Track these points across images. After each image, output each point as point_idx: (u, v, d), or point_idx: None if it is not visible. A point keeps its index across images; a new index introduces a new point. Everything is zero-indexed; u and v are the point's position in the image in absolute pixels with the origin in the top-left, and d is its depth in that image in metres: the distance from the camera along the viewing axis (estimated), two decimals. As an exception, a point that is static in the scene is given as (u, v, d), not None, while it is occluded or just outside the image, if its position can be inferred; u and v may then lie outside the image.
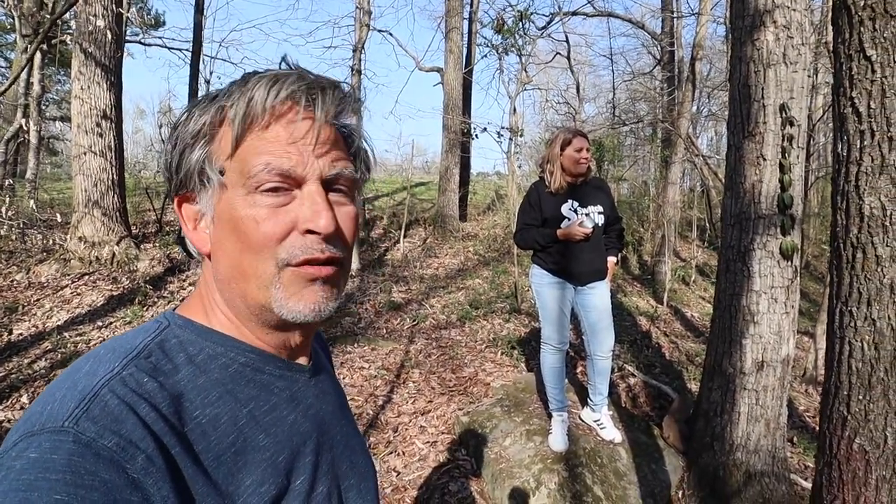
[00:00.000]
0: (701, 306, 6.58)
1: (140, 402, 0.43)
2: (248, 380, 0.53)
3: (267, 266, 0.50)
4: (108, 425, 0.41)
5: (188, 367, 0.50)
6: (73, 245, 5.93)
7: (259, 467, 0.50)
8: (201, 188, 0.52)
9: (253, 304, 0.52)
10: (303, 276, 0.50)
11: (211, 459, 0.46)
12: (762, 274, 2.49)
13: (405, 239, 8.36)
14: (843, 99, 1.18)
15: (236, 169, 0.50)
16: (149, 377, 0.46)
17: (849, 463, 1.12)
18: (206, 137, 0.51)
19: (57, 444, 0.38)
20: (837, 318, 1.17)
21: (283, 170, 0.49)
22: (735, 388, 2.54)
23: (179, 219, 0.54)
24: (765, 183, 2.49)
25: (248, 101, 0.49)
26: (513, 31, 6.65)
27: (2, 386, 3.57)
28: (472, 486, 2.69)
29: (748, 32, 2.54)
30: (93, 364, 0.46)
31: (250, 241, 0.49)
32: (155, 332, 0.51)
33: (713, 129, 17.54)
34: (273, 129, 0.49)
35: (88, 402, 0.41)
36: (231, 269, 0.51)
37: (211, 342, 0.52)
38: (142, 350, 0.48)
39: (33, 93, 9.22)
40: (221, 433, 0.48)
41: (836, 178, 1.19)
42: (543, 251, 2.82)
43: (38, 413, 0.42)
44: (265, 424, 0.52)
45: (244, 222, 0.49)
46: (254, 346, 0.54)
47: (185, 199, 0.54)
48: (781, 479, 2.50)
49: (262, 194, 0.49)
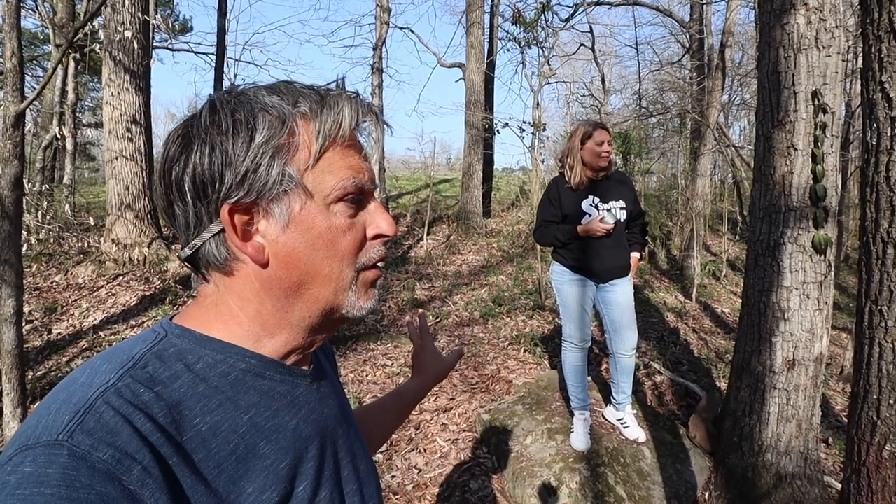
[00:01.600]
0: (731, 302, 6.40)
1: (136, 412, 0.43)
2: (248, 386, 0.52)
3: (349, 272, 0.55)
4: (103, 437, 0.40)
5: (187, 375, 0.49)
6: (107, 247, 6.12)
7: (261, 474, 0.50)
8: (278, 196, 0.51)
9: (323, 307, 0.55)
10: (371, 279, 0.57)
11: (212, 468, 0.46)
12: (793, 269, 2.39)
13: (429, 236, 8.36)
14: (872, 83, 1.11)
15: (316, 179, 0.52)
16: (145, 387, 0.46)
17: (878, 471, 1.05)
18: (285, 146, 0.51)
19: (52, 458, 0.38)
20: (866, 318, 1.10)
21: (363, 185, 0.55)
22: (765, 387, 2.45)
23: (228, 228, 0.51)
24: (796, 174, 2.38)
25: (338, 118, 0.53)
26: (534, 23, 6.56)
27: (43, 383, 3.70)
28: (493, 485, 2.67)
29: (777, 16, 2.43)
30: (89, 375, 0.46)
31: (336, 249, 0.53)
32: (152, 341, 0.51)
33: (745, 119, 17.00)
34: (352, 148, 0.55)
35: (83, 415, 0.41)
36: (306, 276, 0.53)
37: (210, 350, 0.52)
38: (138, 360, 0.48)
39: (68, 100, 9.55)
40: (222, 441, 0.48)
41: (864, 168, 1.12)
42: (564, 248, 2.77)
43: (34, 426, 0.42)
44: (266, 431, 0.52)
45: (330, 231, 0.53)
46: (255, 352, 0.54)
47: (239, 207, 0.51)
48: (814, 481, 2.40)
49: (343, 204, 0.53)
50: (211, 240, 0.52)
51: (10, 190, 2.64)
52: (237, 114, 0.51)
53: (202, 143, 0.50)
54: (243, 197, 0.50)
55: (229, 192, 0.50)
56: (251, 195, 0.50)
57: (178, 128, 0.53)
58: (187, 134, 0.51)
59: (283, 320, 0.54)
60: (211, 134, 0.50)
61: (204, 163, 0.50)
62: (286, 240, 0.52)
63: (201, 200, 0.51)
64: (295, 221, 0.52)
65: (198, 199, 0.51)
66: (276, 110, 0.51)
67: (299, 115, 0.52)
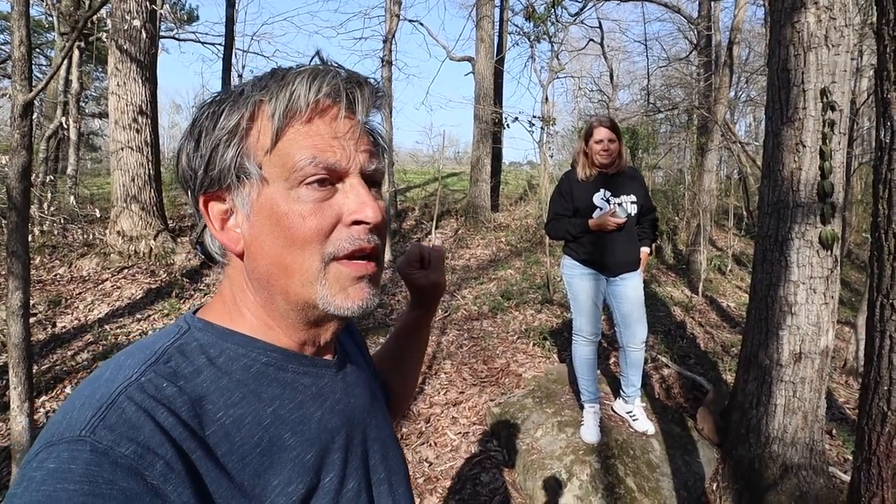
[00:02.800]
0: (737, 296, 6.42)
1: (158, 407, 0.43)
2: (271, 379, 0.52)
3: (313, 261, 0.50)
4: (126, 433, 0.41)
5: (209, 369, 0.49)
6: (112, 239, 6.11)
7: (286, 467, 0.49)
8: (237, 185, 0.51)
9: (296, 300, 0.52)
10: (348, 273, 0.51)
11: (235, 461, 0.46)
12: (800, 264, 2.42)
13: (437, 230, 8.39)
14: (886, 83, 1.14)
15: (276, 163, 0.49)
16: (168, 382, 0.46)
17: (889, 460, 1.09)
18: (242, 132, 0.50)
19: (74, 454, 0.39)
20: (878, 311, 1.13)
21: (329, 164, 0.49)
22: (772, 379, 2.49)
23: (206, 219, 0.52)
24: (804, 170, 2.41)
25: (290, 96, 0.49)
26: (544, 18, 6.56)
27: (47, 377, 3.71)
28: (504, 477, 2.71)
29: (788, 14, 2.45)
30: (112, 371, 0.46)
31: (295, 237, 0.49)
32: (175, 336, 0.51)
33: (752, 115, 16.95)
34: (316, 122, 0.50)
35: (105, 410, 0.42)
36: (272, 266, 0.51)
37: (232, 343, 0.52)
38: (161, 355, 0.48)
39: (72, 90, 9.54)
40: (246, 434, 0.48)
41: (878, 165, 1.15)
42: (575, 242, 2.81)
43: (59, 423, 0.42)
44: (291, 423, 0.52)
45: (289, 217, 0.49)
46: (277, 345, 0.54)
47: (213, 197, 0.52)
48: (819, 472, 2.44)
49: (307, 188, 0.49)
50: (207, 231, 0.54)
51: (18, 181, 2.56)
52: (213, 106, 0.52)
53: (187, 136, 0.52)
54: (210, 186, 0.51)
55: (203, 181, 0.51)
56: (216, 184, 0.51)
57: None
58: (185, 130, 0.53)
59: (273, 312, 0.54)
60: (194, 127, 0.52)
61: (184, 156, 0.52)
62: (250, 228, 0.51)
63: (192, 192, 0.53)
64: (255, 209, 0.50)
65: (190, 190, 0.53)
66: (243, 97, 0.50)
67: (258, 99, 0.50)
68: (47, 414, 3.36)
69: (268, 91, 0.50)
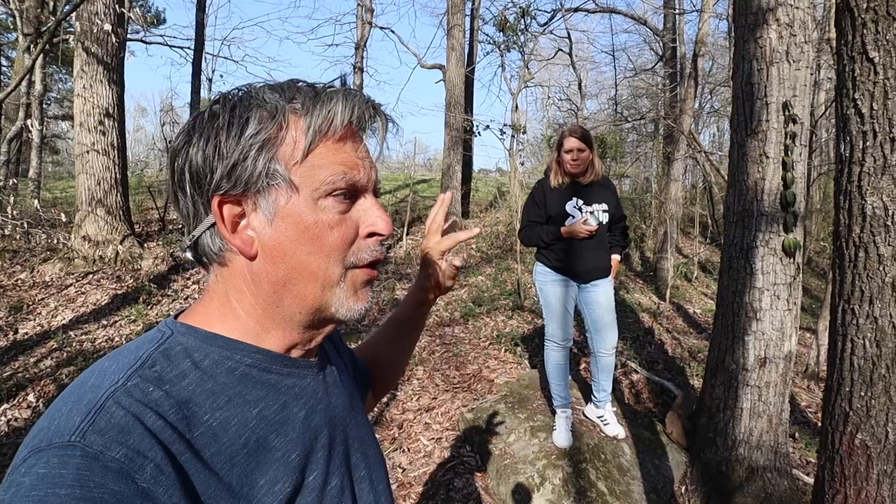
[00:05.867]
0: (703, 302, 6.60)
1: (146, 411, 0.44)
2: (255, 381, 0.53)
3: (336, 269, 0.54)
4: (115, 437, 0.41)
5: (194, 372, 0.50)
6: (76, 244, 5.93)
7: (272, 467, 0.50)
8: (265, 189, 0.52)
9: (311, 303, 0.54)
10: (363, 278, 0.56)
11: (223, 462, 0.47)
12: (765, 271, 2.51)
13: (408, 236, 8.37)
14: (846, 100, 1.19)
15: (305, 174, 0.52)
16: (154, 386, 0.46)
17: (850, 458, 1.14)
18: (273, 140, 0.52)
19: (65, 459, 0.39)
20: (840, 316, 1.18)
21: (355, 181, 0.54)
22: (738, 384, 2.56)
23: (218, 220, 0.52)
24: (767, 180, 2.50)
25: (328, 114, 0.52)
26: (515, 27, 6.65)
27: (9, 385, 3.58)
28: (477, 482, 2.71)
29: (751, 30, 2.55)
30: (97, 377, 0.47)
31: (323, 245, 0.53)
32: (158, 341, 0.51)
33: (715, 126, 17.51)
34: (347, 143, 0.54)
35: (94, 415, 0.42)
36: (293, 271, 0.53)
37: (216, 347, 0.52)
38: (146, 360, 0.48)
39: (35, 92, 9.24)
40: (233, 435, 0.49)
41: (839, 178, 1.21)
42: (547, 249, 2.84)
43: (46, 428, 0.42)
44: (276, 424, 0.53)
45: (317, 226, 0.52)
46: (260, 346, 0.55)
47: (229, 200, 0.52)
48: (783, 473, 2.52)
49: (333, 199, 0.53)
50: (207, 231, 0.54)
51: None
52: (235, 109, 0.52)
53: (200, 136, 0.52)
54: (231, 189, 0.51)
55: (220, 183, 0.51)
56: (238, 187, 0.51)
57: (187, 122, 0.54)
58: (191, 128, 0.53)
59: (276, 315, 0.55)
60: (208, 128, 0.52)
61: (199, 155, 0.52)
62: (272, 233, 0.52)
63: (198, 192, 0.53)
64: (280, 215, 0.52)
65: (195, 190, 0.53)
66: (270, 106, 0.52)
67: (291, 111, 0.52)
68: (9, 422, 3.23)
69: (303, 105, 0.53)
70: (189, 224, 0.55)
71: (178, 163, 0.53)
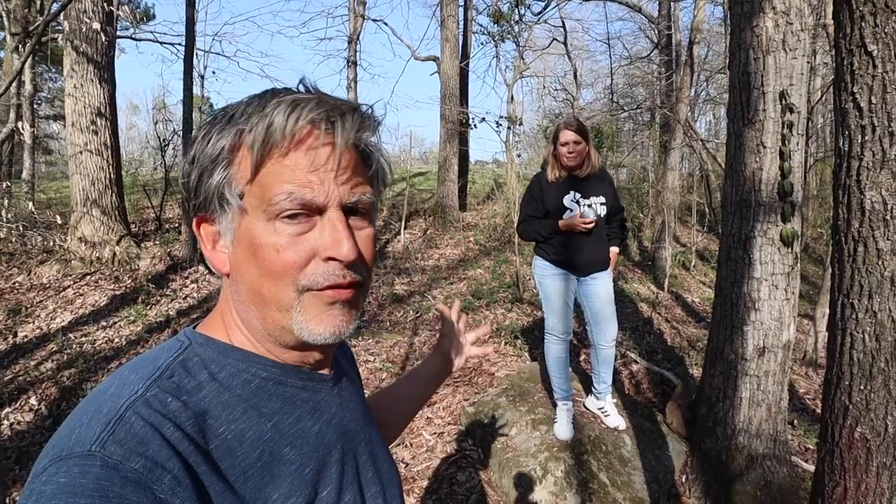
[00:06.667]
0: (701, 291, 6.62)
1: (165, 422, 0.44)
2: (270, 394, 0.53)
3: (287, 292, 0.50)
4: (134, 447, 0.41)
5: (211, 384, 0.50)
6: (73, 245, 5.92)
7: (286, 480, 0.51)
8: (220, 211, 0.51)
9: (273, 326, 0.52)
10: (324, 299, 0.51)
11: (238, 475, 0.47)
12: (763, 261, 2.51)
13: (405, 230, 8.37)
14: (844, 94, 1.19)
15: (256, 194, 0.49)
16: (172, 397, 0.47)
17: (850, 451, 1.15)
18: (226, 161, 0.50)
19: (85, 469, 0.39)
20: (839, 311, 1.19)
21: (305, 200, 0.48)
22: (737, 373, 2.58)
23: (199, 239, 0.54)
24: (765, 170, 2.50)
25: (268, 128, 0.47)
26: (509, 17, 6.60)
27: (10, 388, 3.58)
28: (480, 476, 2.73)
29: (747, 19, 2.53)
30: (117, 386, 0.47)
31: (270, 269, 0.49)
32: (177, 351, 0.52)
33: (711, 113, 17.49)
34: (293, 155, 0.48)
35: (114, 426, 0.42)
36: (250, 293, 0.52)
37: (233, 359, 0.53)
38: (165, 370, 0.49)
39: (25, 92, 9.16)
40: (247, 448, 0.49)
41: (837, 172, 1.21)
42: (546, 242, 2.84)
43: (66, 437, 0.43)
44: (290, 437, 0.53)
45: (264, 249, 0.49)
46: (275, 360, 0.55)
47: (204, 219, 0.53)
48: (783, 461, 2.54)
49: (283, 221, 0.49)
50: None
51: None
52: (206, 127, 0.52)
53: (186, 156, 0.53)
54: (198, 209, 0.52)
55: (194, 204, 0.53)
56: (203, 209, 0.52)
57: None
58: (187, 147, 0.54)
59: (262, 331, 0.54)
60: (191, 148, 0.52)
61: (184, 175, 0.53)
62: (234, 253, 0.52)
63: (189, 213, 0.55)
64: (237, 236, 0.51)
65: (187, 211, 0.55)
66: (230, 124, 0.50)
67: (240, 128, 0.49)
68: (12, 426, 3.23)
69: (248, 120, 0.49)
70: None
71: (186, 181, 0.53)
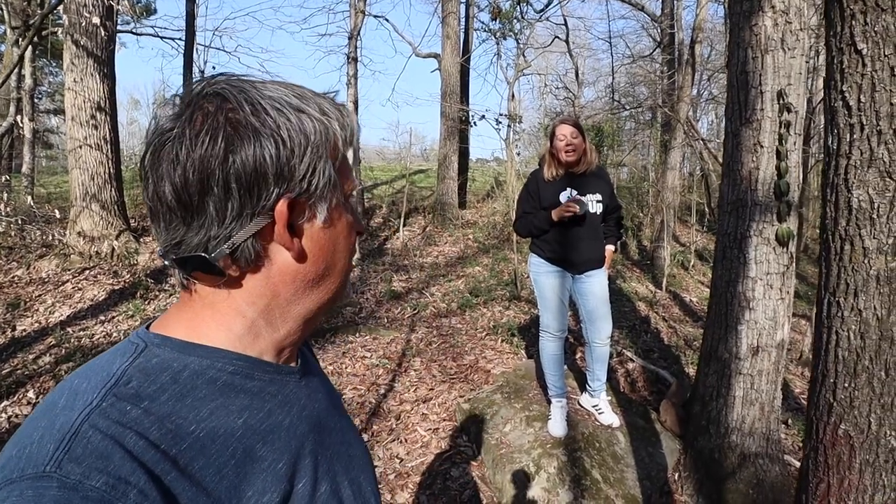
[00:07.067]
0: (700, 291, 6.62)
1: (126, 432, 0.41)
2: (238, 389, 0.52)
3: (350, 264, 0.61)
4: (94, 464, 0.38)
5: (174, 386, 0.47)
6: (72, 240, 5.92)
7: (259, 477, 0.49)
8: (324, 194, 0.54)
9: (332, 296, 0.59)
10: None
11: (212, 475, 0.45)
12: (758, 260, 2.52)
13: (404, 227, 8.37)
14: (833, 92, 1.19)
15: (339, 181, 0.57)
16: (132, 405, 0.44)
17: (834, 448, 1.16)
18: (328, 148, 0.54)
19: (41, 492, 0.36)
20: (825, 309, 1.19)
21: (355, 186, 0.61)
22: (731, 372, 2.59)
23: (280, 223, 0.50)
24: (762, 170, 2.50)
25: (351, 126, 0.57)
26: (509, 15, 6.60)
27: (8, 382, 3.60)
28: (474, 472, 2.74)
29: (746, 18, 2.53)
30: (68, 397, 0.44)
31: (348, 244, 0.59)
32: (132, 354, 0.49)
33: (713, 113, 17.43)
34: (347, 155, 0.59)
35: (70, 442, 0.39)
36: (327, 269, 0.57)
37: (195, 356, 0.50)
38: (121, 376, 0.46)
39: (25, 86, 9.16)
40: (221, 446, 0.47)
41: (826, 171, 1.21)
42: (541, 240, 2.84)
43: (16, 457, 0.39)
44: (262, 433, 0.52)
45: (347, 228, 0.58)
46: (241, 353, 0.53)
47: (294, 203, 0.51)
48: (775, 460, 2.55)
49: (349, 202, 0.59)
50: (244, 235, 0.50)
51: None
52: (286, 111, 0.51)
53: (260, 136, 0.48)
54: (301, 193, 0.51)
55: (290, 186, 0.50)
56: (307, 192, 0.52)
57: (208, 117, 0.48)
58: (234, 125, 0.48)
59: (290, 313, 0.55)
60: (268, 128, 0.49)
61: (267, 156, 0.48)
62: (322, 235, 0.55)
63: (251, 194, 0.49)
64: (332, 219, 0.55)
65: (248, 192, 0.49)
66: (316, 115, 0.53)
67: (331, 122, 0.55)
68: (10, 419, 3.25)
69: (337, 118, 0.55)
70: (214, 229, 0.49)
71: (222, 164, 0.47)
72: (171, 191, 0.48)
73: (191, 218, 0.49)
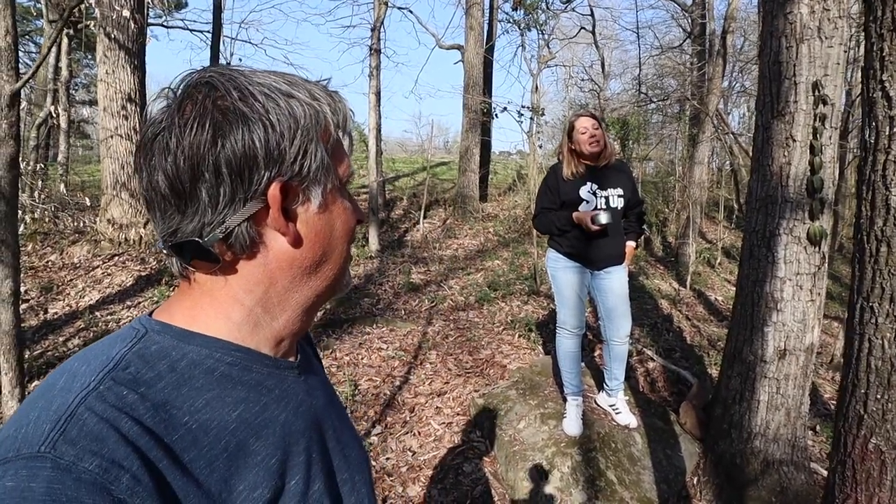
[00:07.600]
0: (726, 289, 6.44)
1: (121, 417, 0.42)
2: (235, 381, 0.51)
3: (347, 250, 0.60)
4: (88, 446, 0.39)
5: (171, 374, 0.48)
6: (102, 227, 6.10)
7: (251, 471, 0.49)
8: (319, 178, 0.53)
9: (330, 283, 0.58)
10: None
11: (203, 466, 0.45)
12: (787, 260, 2.41)
13: (425, 220, 8.36)
14: (872, 81, 1.11)
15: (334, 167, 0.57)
16: (129, 389, 0.44)
17: (863, 463, 1.08)
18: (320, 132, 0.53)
19: (34, 472, 0.37)
20: (858, 314, 1.11)
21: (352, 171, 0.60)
22: (755, 375, 2.49)
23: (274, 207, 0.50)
24: (793, 165, 2.39)
25: (345, 113, 0.57)
26: (534, 6, 6.48)
27: (39, 363, 3.73)
28: (486, 468, 2.71)
29: (780, 5, 2.42)
30: (67, 379, 0.44)
31: (346, 230, 0.58)
32: (132, 340, 0.49)
33: (745, 106, 16.89)
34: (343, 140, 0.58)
35: (65, 423, 0.40)
36: (324, 255, 0.56)
37: (194, 345, 0.50)
38: (119, 361, 0.46)
39: (62, 77, 9.41)
40: (213, 438, 0.47)
41: (861, 166, 1.13)
42: (560, 235, 2.78)
43: (13, 437, 0.40)
44: (256, 427, 0.51)
45: (344, 213, 0.57)
46: (241, 344, 0.53)
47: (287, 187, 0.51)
48: (801, 467, 2.45)
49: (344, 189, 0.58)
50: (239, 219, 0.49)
51: (6, 170, 2.63)
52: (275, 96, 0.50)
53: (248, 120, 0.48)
54: (294, 177, 0.51)
55: (282, 170, 0.50)
56: (299, 176, 0.51)
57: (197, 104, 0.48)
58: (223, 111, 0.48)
59: (289, 301, 0.55)
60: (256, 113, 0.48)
61: (256, 140, 0.48)
62: (318, 220, 0.54)
63: (242, 179, 0.48)
64: (327, 203, 0.54)
65: (238, 177, 0.48)
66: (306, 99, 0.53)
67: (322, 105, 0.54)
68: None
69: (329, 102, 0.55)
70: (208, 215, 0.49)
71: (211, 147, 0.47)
72: (163, 179, 0.48)
73: (185, 205, 0.49)
